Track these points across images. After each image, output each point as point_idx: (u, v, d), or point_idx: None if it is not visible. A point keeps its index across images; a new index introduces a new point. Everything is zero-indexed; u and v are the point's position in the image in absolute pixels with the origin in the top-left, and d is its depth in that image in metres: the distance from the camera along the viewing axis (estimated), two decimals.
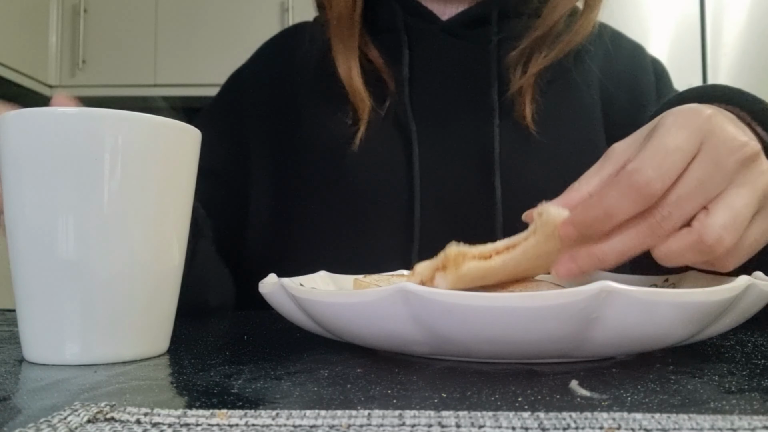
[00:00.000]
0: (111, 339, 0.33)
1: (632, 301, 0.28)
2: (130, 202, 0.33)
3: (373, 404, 0.24)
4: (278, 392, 0.26)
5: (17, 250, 0.33)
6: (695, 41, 2.13)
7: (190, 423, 0.21)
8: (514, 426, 0.21)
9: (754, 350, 0.36)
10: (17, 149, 0.33)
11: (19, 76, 2.39)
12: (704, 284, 0.35)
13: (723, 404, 0.24)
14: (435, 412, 0.22)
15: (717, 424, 0.20)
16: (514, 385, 0.27)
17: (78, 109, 0.32)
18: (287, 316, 0.36)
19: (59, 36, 2.57)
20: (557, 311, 0.27)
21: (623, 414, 0.21)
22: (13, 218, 0.33)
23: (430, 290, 0.28)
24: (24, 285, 0.33)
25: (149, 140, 0.34)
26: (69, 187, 0.32)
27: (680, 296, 0.29)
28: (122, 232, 0.33)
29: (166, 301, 0.36)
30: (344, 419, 0.21)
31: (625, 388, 0.26)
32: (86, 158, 0.32)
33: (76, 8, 2.55)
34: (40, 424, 0.21)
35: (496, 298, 0.28)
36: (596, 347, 0.30)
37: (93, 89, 2.56)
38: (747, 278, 0.31)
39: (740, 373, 0.30)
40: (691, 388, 0.27)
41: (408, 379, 0.29)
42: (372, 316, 0.30)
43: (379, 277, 0.45)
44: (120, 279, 0.33)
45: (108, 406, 0.22)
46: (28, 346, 0.34)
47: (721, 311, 0.30)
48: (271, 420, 0.21)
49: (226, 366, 0.32)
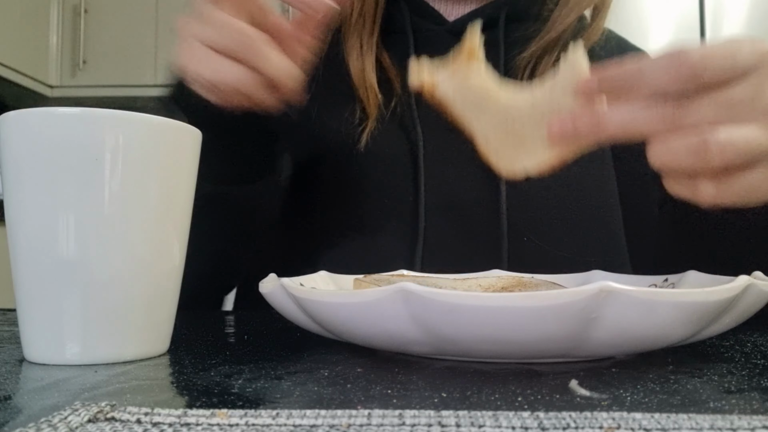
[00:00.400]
0: (111, 339, 0.33)
1: (632, 301, 0.28)
2: (130, 202, 0.33)
3: (373, 404, 0.24)
4: (278, 392, 0.26)
5: (17, 250, 0.33)
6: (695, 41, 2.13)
7: (191, 423, 0.21)
8: (514, 426, 0.21)
9: (754, 350, 0.36)
10: (17, 149, 0.33)
11: (20, 76, 2.40)
12: (704, 284, 0.35)
13: (723, 404, 0.24)
14: (435, 412, 0.22)
15: (717, 424, 0.20)
16: (514, 385, 0.27)
17: (78, 109, 0.32)
18: (287, 316, 0.36)
19: (59, 36, 2.57)
20: (557, 311, 0.27)
21: (623, 414, 0.21)
22: (13, 218, 0.33)
23: (430, 290, 0.28)
24: (24, 285, 0.33)
25: (149, 140, 0.34)
26: (69, 187, 0.32)
27: (680, 296, 0.29)
28: (122, 232, 0.33)
29: (166, 301, 0.36)
30: (344, 419, 0.21)
31: (625, 388, 0.26)
32: (86, 158, 0.32)
33: (77, 8, 2.55)
34: (41, 424, 0.21)
35: (496, 298, 0.28)
36: (596, 347, 0.30)
37: (93, 89, 2.57)
38: (747, 278, 0.31)
39: (740, 372, 0.30)
40: (690, 388, 0.27)
41: (408, 379, 0.29)
42: (372, 316, 0.30)
43: (379, 277, 0.45)
44: (120, 279, 0.33)
45: (108, 406, 0.22)
46: (28, 346, 0.34)
47: (720, 311, 0.30)
48: (271, 420, 0.21)
49: (226, 366, 0.32)
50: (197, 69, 0.44)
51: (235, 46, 0.42)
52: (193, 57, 0.44)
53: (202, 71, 0.43)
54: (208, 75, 0.43)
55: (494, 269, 0.52)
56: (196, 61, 0.43)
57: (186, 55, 0.44)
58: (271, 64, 0.43)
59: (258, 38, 0.42)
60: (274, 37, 0.44)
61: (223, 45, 0.42)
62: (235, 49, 0.42)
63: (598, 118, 0.35)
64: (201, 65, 0.43)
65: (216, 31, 0.42)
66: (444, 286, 0.40)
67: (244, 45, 0.42)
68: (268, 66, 0.43)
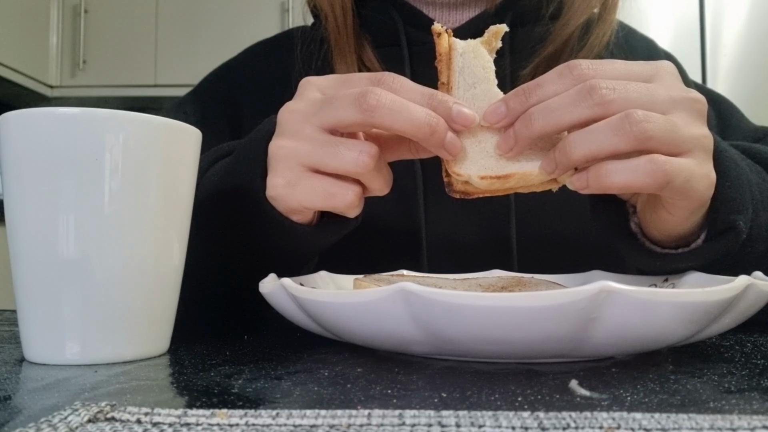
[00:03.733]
0: (111, 339, 0.33)
1: (632, 301, 0.28)
2: (130, 202, 0.33)
3: (373, 404, 0.24)
4: (278, 392, 0.26)
5: (17, 250, 0.33)
6: (695, 42, 2.13)
7: (191, 422, 0.21)
8: (514, 426, 0.21)
9: (754, 350, 0.36)
10: (17, 149, 0.33)
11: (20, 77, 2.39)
12: (704, 284, 0.35)
13: (722, 404, 0.24)
14: (435, 412, 0.22)
15: (716, 424, 0.20)
16: (514, 385, 0.27)
17: (78, 110, 0.32)
18: (287, 316, 0.36)
19: (60, 36, 2.57)
20: (557, 311, 0.27)
21: (623, 414, 0.21)
22: (13, 218, 0.33)
23: (430, 290, 0.28)
24: (24, 285, 0.33)
25: (149, 140, 0.34)
26: (69, 187, 0.32)
27: (680, 296, 0.29)
28: (122, 232, 0.33)
29: (166, 301, 0.36)
30: (344, 419, 0.21)
31: (625, 388, 0.26)
32: (86, 158, 0.32)
33: (77, 8, 2.55)
34: (41, 424, 0.21)
35: (496, 298, 0.28)
36: (596, 347, 0.30)
37: (93, 89, 2.56)
38: (746, 278, 0.31)
39: (740, 372, 0.30)
40: (690, 388, 0.27)
41: (408, 379, 0.29)
42: (372, 316, 0.30)
43: (379, 277, 0.45)
44: (120, 279, 0.33)
45: (108, 406, 0.22)
46: (28, 346, 0.34)
47: (720, 311, 0.30)
48: (271, 419, 0.21)
49: (226, 366, 0.32)
50: (306, 198, 0.41)
51: (353, 168, 0.39)
52: (298, 184, 0.41)
53: (313, 201, 0.41)
54: (318, 203, 0.41)
55: (494, 269, 0.52)
56: (305, 191, 0.41)
57: (286, 181, 0.41)
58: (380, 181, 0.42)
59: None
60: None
61: (349, 169, 0.39)
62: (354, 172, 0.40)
63: (527, 97, 0.38)
64: (312, 194, 0.40)
65: (333, 151, 0.39)
66: (444, 286, 0.40)
67: (366, 167, 0.39)
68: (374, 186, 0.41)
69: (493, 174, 0.39)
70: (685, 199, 0.38)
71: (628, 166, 0.35)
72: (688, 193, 0.37)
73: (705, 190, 0.38)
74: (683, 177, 0.36)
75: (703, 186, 0.38)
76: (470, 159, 0.39)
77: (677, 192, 0.37)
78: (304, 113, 0.41)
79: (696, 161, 0.37)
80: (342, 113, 0.39)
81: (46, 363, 0.33)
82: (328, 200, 0.40)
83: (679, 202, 0.38)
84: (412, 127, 0.37)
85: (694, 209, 0.39)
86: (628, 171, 0.35)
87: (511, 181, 0.39)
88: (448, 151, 0.39)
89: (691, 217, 0.40)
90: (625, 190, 0.39)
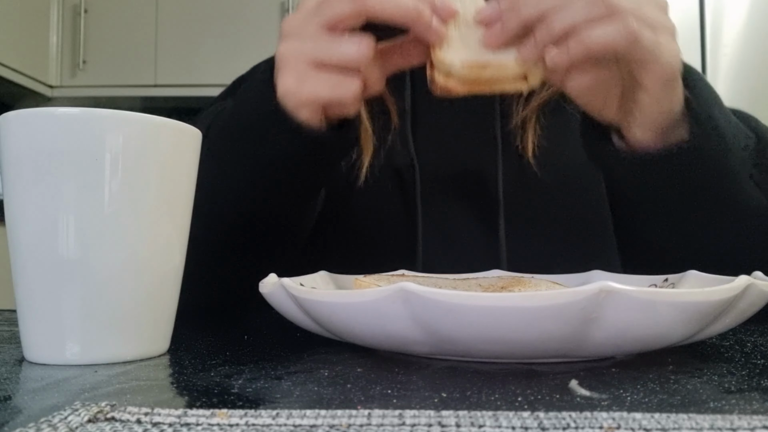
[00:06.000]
0: (111, 339, 0.33)
1: (632, 301, 0.28)
2: (130, 202, 0.33)
3: (373, 404, 0.24)
4: (278, 392, 0.26)
5: (18, 250, 0.33)
6: (695, 41, 2.13)
7: (191, 423, 0.21)
8: (514, 426, 0.21)
9: (754, 350, 0.36)
10: (17, 149, 0.33)
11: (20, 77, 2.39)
12: (704, 284, 0.35)
13: (722, 404, 0.24)
14: (435, 412, 0.22)
15: (716, 424, 0.20)
16: (514, 385, 0.27)
17: (78, 110, 0.32)
18: (287, 316, 0.36)
19: (60, 36, 2.57)
20: (557, 311, 0.27)
21: (623, 414, 0.21)
22: (13, 218, 0.33)
23: (430, 290, 0.28)
24: (24, 285, 0.33)
25: (149, 140, 0.34)
26: (69, 187, 0.32)
27: (680, 296, 0.29)
28: (122, 232, 0.33)
29: (166, 301, 0.36)
30: (344, 419, 0.21)
31: (625, 388, 0.26)
32: (86, 158, 0.32)
33: (77, 8, 2.55)
34: (41, 424, 0.21)
35: (496, 298, 0.28)
36: (596, 347, 0.30)
37: (93, 89, 2.56)
38: (746, 278, 0.31)
39: (740, 372, 0.30)
40: (690, 388, 0.27)
41: (408, 379, 0.29)
42: (372, 316, 0.30)
43: (379, 277, 0.45)
44: (120, 279, 0.33)
45: (108, 406, 0.22)
46: (28, 346, 0.34)
47: (720, 311, 0.30)
48: (271, 420, 0.21)
49: (226, 366, 0.32)
50: (314, 90, 0.44)
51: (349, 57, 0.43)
52: (306, 79, 0.44)
53: (320, 92, 0.44)
54: (325, 94, 0.44)
55: (494, 269, 0.52)
56: (313, 84, 0.44)
57: (295, 78, 0.44)
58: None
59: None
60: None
61: (347, 61, 0.43)
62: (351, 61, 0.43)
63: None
64: (319, 86, 0.44)
65: (330, 45, 0.43)
66: (444, 286, 0.40)
67: (364, 57, 0.43)
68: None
69: (473, 60, 0.43)
70: (654, 62, 0.42)
71: (602, 27, 0.41)
72: (655, 54, 0.42)
73: (671, 59, 0.43)
74: (649, 38, 0.41)
75: (669, 55, 0.42)
76: (453, 49, 0.44)
77: (647, 52, 0.41)
78: (304, 17, 0.45)
79: (662, 37, 0.42)
80: (339, 8, 0.43)
81: (46, 363, 0.33)
82: (335, 89, 0.44)
83: (651, 66, 0.42)
84: (400, 11, 0.42)
85: (665, 79, 0.43)
86: (602, 32, 0.41)
87: (489, 71, 0.43)
88: (434, 33, 0.43)
89: (665, 92, 0.44)
90: (601, 52, 0.42)
